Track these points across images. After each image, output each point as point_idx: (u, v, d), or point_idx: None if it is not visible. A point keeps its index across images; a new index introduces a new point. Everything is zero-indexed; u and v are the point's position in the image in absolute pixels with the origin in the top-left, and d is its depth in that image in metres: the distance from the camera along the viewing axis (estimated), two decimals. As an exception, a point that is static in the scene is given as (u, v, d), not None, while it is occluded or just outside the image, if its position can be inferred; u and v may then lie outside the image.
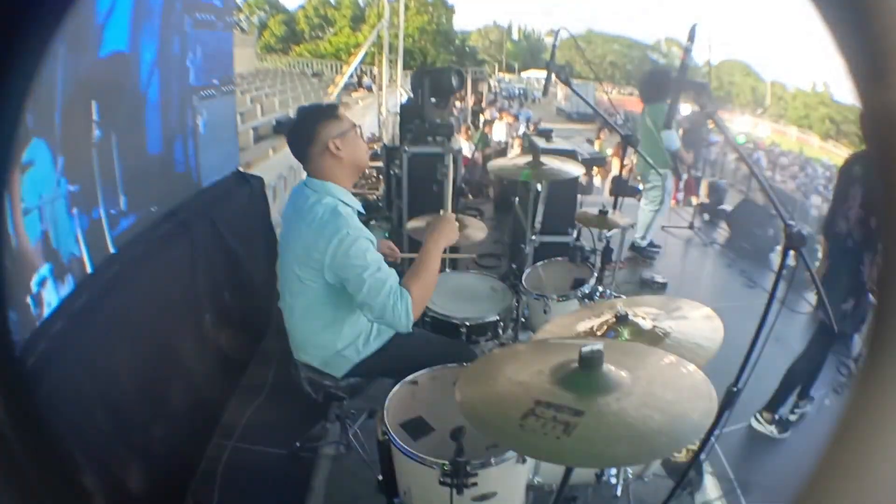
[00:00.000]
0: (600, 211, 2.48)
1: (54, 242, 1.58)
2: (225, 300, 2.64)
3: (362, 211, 1.72)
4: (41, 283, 1.51)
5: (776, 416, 2.57)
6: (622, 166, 3.74)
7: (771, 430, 2.55)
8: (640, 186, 4.61)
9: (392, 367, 1.77)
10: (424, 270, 1.61)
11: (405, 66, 9.69)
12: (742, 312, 3.31)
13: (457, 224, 1.72)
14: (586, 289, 2.30)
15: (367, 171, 5.60)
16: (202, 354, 2.39)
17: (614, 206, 2.65)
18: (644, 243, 4.41)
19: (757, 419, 2.58)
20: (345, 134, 1.64)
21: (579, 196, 3.75)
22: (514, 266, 2.54)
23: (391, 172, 3.89)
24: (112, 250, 1.91)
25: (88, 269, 1.76)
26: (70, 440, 1.44)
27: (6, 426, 0.69)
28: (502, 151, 8.21)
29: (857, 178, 2.28)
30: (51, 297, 1.55)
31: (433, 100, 3.58)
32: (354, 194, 1.74)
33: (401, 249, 2.15)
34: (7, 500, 0.68)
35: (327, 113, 1.66)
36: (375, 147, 5.91)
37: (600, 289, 2.42)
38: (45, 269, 1.53)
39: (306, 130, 1.65)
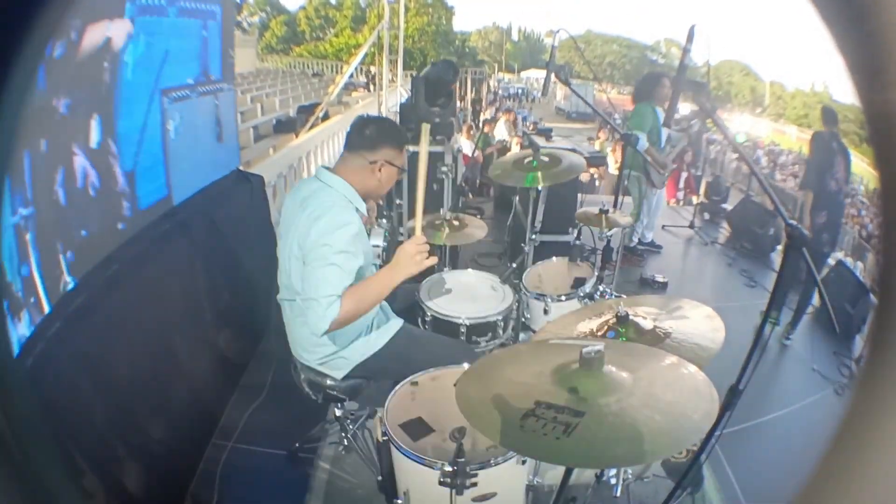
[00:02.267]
0: (600, 210, 2.48)
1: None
2: (224, 300, 2.64)
3: (364, 212, 1.73)
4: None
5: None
6: (621, 166, 3.74)
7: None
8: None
9: (392, 367, 1.77)
10: (369, 292, 1.58)
11: (405, 67, 9.68)
12: (743, 312, 3.33)
13: (421, 256, 1.61)
14: (587, 288, 2.30)
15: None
16: (201, 354, 2.39)
17: (615, 206, 2.64)
18: (630, 244, 4.41)
19: (787, 338, 3.37)
20: (393, 166, 1.73)
21: (581, 195, 3.74)
22: (514, 266, 2.53)
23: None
24: (69, 280, 1.64)
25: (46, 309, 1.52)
26: (69, 441, 1.44)
27: (4, 427, 0.69)
28: (504, 150, 8.21)
29: (837, 151, 3.27)
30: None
31: (437, 104, 3.56)
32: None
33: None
34: (6, 500, 0.67)
35: (399, 141, 1.74)
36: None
37: (601, 288, 2.42)
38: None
39: (375, 140, 1.71)
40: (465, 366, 1.58)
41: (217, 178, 2.85)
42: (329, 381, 1.79)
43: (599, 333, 1.44)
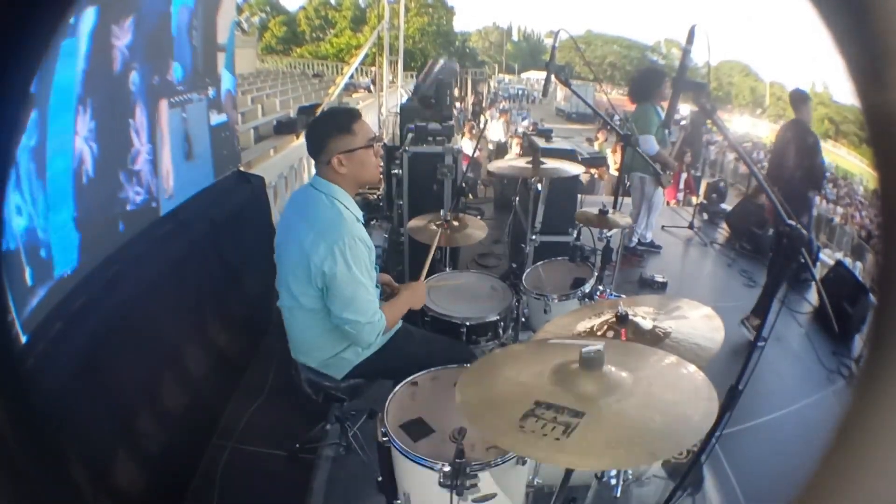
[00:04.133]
0: (600, 210, 2.48)
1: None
2: (225, 300, 2.64)
3: (361, 220, 1.73)
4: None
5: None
6: (621, 166, 3.73)
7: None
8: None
9: (392, 368, 1.77)
10: (399, 310, 1.82)
11: (406, 68, 9.69)
12: (742, 312, 3.33)
13: (425, 293, 1.96)
14: (586, 288, 2.30)
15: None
16: (202, 355, 2.39)
17: (614, 206, 2.64)
18: (630, 244, 4.41)
19: (744, 324, 3.12)
20: (353, 152, 1.63)
21: (580, 195, 3.74)
22: (514, 266, 2.54)
23: (391, 172, 3.90)
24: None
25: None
26: (69, 440, 1.44)
27: (6, 426, 0.69)
28: (502, 150, 8.21)
29: (790, 139, 3.65)
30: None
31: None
32: (355, 195, 1.75)
33: (401, 247, 2.15)
34: (7, 499, 0.68)
35: (341, 126, 1.63)
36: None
37: (600, 288, 2.42)
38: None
39: (318, 139, 1.67)
40: (465, 366, 1.58)
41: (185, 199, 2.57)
42: (329, 382, 1.79)
43: (599, 333, 1.44)
